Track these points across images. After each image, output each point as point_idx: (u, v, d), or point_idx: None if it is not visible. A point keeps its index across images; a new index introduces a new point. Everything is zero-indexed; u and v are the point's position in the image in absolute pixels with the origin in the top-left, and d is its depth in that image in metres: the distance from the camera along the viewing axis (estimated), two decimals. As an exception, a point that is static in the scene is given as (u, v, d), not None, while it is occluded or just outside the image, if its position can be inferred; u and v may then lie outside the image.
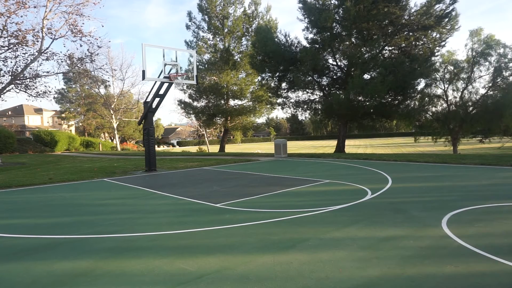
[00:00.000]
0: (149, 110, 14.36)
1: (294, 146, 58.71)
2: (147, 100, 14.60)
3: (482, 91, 25.56)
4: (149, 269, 4.02)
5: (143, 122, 14.87)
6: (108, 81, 45.54)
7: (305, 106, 27.02)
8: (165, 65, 13.64)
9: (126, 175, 13.41)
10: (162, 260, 4.30)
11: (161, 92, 14.24)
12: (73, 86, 56.57)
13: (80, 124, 63.75)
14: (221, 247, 4.70)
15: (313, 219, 6.01)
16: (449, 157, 15.57)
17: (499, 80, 24.83)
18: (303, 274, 3.73)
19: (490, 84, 25.12)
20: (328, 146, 55.21)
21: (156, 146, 19.21)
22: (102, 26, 77.47)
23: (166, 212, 7.05)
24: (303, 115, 29.73)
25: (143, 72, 12.98)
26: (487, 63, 25.07)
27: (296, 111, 28.64)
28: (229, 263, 4.13)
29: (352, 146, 53.70)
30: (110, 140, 60.00)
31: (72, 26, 19.57)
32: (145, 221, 6.31)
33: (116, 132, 45.97)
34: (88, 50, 20.66)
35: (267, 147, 56.22)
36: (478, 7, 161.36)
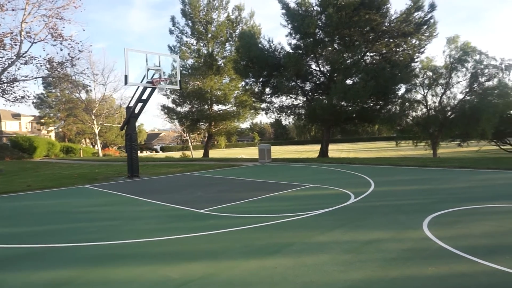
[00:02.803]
0: (131, 115, 14.17)
1: (278, 151, 58.89)
2: (129, 105, 14.42)
3: (460, 96, 26.31)
4: (133, 277, 3.95)
5: (125, 128, 14.67)
6: (90, 86, 44.80)
7: (289, 111, 27.16)
8: (148, 70, 13.52)
9: (108, 182, 13.16)
10: (145, 267, 4.24)
11: (144, 97, 14.09)
12: (53, 91, 55.28)
13: (60, 129, 62.33)
14: (205, 253, 4.66)
15: (297, 223, 6.03)
16: (430, 161, 15.94)
17: (475, 85, 25.60)
18: (288, 279, 3.74)
19: (467, 90, 25.87)
20: (311, 150, 55.61)
21: (138, 151, 18.95)
22: (84, 30, 76.50)
23: (150, 218, 6.95)
24: (287, 120, 29.91)
25: (126, 77, 12.83)
26: (464, 69, 25.82)
27: (280, 116, 28.76)
28: (213, 269, 4.10)
29: (335, 150, 54.22)
30: (91, 146, 58.84)
31: (52, 30, 19.24)
32: (128, 228, 6.21)
33: (97, 137, 45.15)
34: (68, 54, 20.34)
35: (251, 152, 56.21)
36: (455, 15, 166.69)
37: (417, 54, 24.49)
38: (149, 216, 7.18)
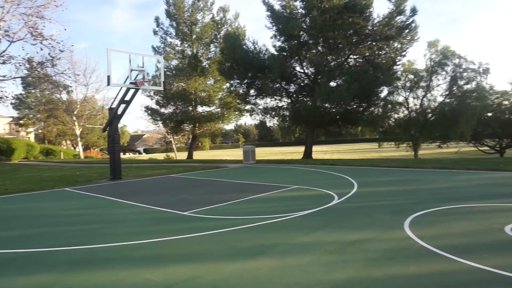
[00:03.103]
0: (114, 117, 13.96)
1: (263, 153, 58.94)
2: (112, 107, 14.19)
3: (440, 99, 26.97)
4: (114, 282, 3.88)
5: (107, 129, 14.43)
6: (71, 87, 43.79)
7: (273, 113, 27.26)
8: (131, 70, 13.35)
9: (89, 184, 12.91)
10: (127, 271, 4.17)
11: (127, 98, 13.90)
12: (33, 91, 53.85)
13: (40, 131, 60.73)
14: (189, 256, 4.63)
15: (282, 225, 6.05)
16: (411, 162, 16.24)
17: (455, 88, 26.27)
18: (272, 280, 3.74)
19: (447, 92, 26.53)
20: (296, 152, 55.90)
21: (121, 153, 18.65)
22: (65, 29, 74.33)
23: (132, 221, 6.85)
24: (271, 122, 29.96)
25: (108, 77, 12.64)
26: (444, 73, 26.47)
27: (264, 118, 28.85)
28: (198, 272, 4.07)
29: (319, 152, 54.69)
30: (72, 148, 57.57)
31: (32, 29, 18.80)
32: (109, 231, 6.10)
33: (79, 139, 44.21)
34: (49, 54, 19.87)
35: (236, 154, 56.09)
36: (435, 19, 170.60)
37: (399, 57, 24.97)
38: (132, 219, 7.08)
